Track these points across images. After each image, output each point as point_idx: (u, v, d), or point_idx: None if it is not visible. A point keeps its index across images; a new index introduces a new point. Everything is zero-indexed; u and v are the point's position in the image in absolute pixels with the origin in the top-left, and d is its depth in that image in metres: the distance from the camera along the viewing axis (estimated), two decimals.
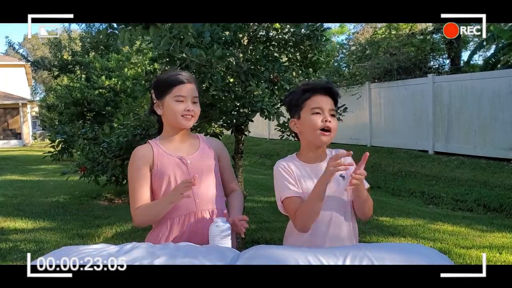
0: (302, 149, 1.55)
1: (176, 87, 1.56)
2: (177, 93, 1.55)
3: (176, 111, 1.55)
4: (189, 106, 1.56)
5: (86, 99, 10.04)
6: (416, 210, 5.28)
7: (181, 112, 1.55)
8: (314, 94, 1.46)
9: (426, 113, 8.71)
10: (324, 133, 1.44)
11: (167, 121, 1.61)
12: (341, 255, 1.17)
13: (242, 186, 3.41)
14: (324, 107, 1.45)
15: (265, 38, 3.28)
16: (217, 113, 3.02)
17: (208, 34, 2.53)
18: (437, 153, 8.46)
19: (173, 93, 1.56)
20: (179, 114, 1.55)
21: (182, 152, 1.60)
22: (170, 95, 1.56)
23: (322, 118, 1.44)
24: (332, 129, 1.45)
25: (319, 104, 1.45)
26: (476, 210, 5.45)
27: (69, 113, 10.30)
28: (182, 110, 1.55)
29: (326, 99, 1.47)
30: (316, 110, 1.45)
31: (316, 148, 1.51)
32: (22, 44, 31.76)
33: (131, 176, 1.57)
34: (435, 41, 11.61)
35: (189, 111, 1.56)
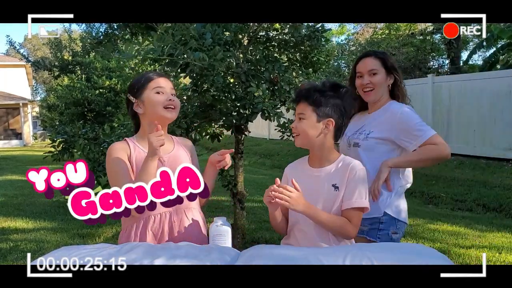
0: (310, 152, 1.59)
1: (153, 81, 1.56)
2: (155, 85, 1.55)
3: (158, 102, 1.53)
4: (170, 97, 1.55)
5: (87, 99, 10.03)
6: (415, 210, 5.27)
7: (163, 103, 1.54)
8: (297, 103, 1.53)
9: (426, 113, 8.70)
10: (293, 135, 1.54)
11: (148, 117, 1.56)
12: (341, 255, 1.17)
13: (242, 186, 3.42)
14: (296, 114, 1.53)
15: (265, 38, 3.28)
16: (217, 114, 3.02)
17: (210, 36, 2.53)
18: None
19: (151, 86, 1.55)
20: (161, 105, 1.54)
21: None
22: (148, 89, 1.55)
23: (293, 124, 1.53)
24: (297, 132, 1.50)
25: (300, 111, 1.51)
26: (476, 210, 5.45)
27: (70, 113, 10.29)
28: (164, 100, 1.54)
29: (297, 106, 1.52)
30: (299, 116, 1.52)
31: (311, 151, 1.54)
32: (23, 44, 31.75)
33: (113, 170, 1.53)
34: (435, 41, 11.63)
35: (171, 101, 1.55)
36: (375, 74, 1.85)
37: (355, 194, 1.44)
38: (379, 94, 1.88)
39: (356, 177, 1.46)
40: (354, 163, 1.48)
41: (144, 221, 1.55)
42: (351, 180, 1.45)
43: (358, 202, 1.44)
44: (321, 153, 1.50)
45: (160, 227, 1.54)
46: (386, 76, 1.87)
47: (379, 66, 1.86)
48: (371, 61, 1.87)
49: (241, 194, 3.39)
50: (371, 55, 1.90)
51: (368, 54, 1.92)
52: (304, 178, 1.49)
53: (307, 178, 1.50)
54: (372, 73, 1.85)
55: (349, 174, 1.45)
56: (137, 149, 1.57)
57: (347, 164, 1.48)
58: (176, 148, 1.64)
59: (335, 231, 1.45)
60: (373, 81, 1.85)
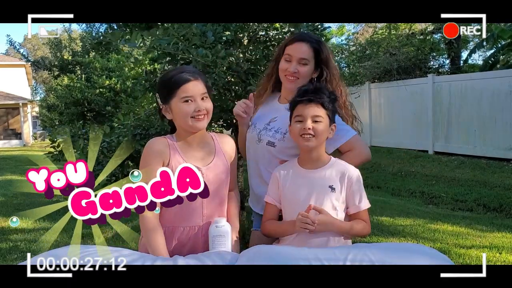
0: (300, 153, 1.60)
1: (181, 88, 1.44)
2: (183, 94, 1.44)
3: (186, 113, 1.44)
4: (199, 106, 1.44)
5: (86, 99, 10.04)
6: (416, 210, 5.27)
7: (191, 113, 1.44)
8: (297, 105, 1.52)
9: (426, 113, 8.70)
10: (305, 136, 1.49)
11: (179, 125, 1.50)
12: (341, 255, 1.17)
13: (242, 186, 3.41)
14: (306, 114, 1.49)
15: (265, 38, 3.28)
16: (217, 112, 3.02)
17: (211, 34, 2.53)
18: (437, 153, 8.46)
19: (179, 94, 1.44)
20: (189, 116, 1.44)
21: (198, 160, 1.50)
22: (176, 97, 1.45)
23: (301, 125, 1.50)
24: (314, 133, 1.48)
25: (300, 112, 1.50)
26: (476, 210, 5.44)
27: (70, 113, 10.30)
28: (191, 111, 1.44)
29: (308, 106, 1.50)
30: (298, 118, 1.51)
31: (305, 153, 1.55)
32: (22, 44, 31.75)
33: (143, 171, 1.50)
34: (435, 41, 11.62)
35: (200, 111, 1.44)
36: (305, 64, 1.68)
37: (359, 197, 1.52)
38: (300, 85, 1.70)
39: (357, 182, 1.53)
40: (350, 168, 1.54)
41: (171, 230, 1.49)
42: (352, 185, 1.52)
43: (364, 204, 1.53)
44: (318, 155, 1.54)
45: (186, 240, 1.49)
46: (314, 69, 1.71)
47: (311, 57, 1.68)
48: (306, 48, 1.68)
49: (241, 194, 3.39)
50: (307, 41, 1.69)
51: (304, 39, 1.70)
52: (297, 179, 1.53)
53: (301, 179, 1.53)
54: (303, 62, 1.68)
55: (348, 180, 1.51)
56: (177, 155, 1.48)
57: (342, 169, 1.53)
58: (217, 156, 1.55)
59: (356, 234, 1.54)
60: (301, 70, 1.68)
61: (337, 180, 1.51)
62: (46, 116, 15.60)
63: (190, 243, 1.50)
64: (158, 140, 1.51)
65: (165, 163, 1.46)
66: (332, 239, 1.48)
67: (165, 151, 1.47)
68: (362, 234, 1.54)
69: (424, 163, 8.05)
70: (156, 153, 1.46)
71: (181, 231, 1.49)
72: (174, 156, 1.47)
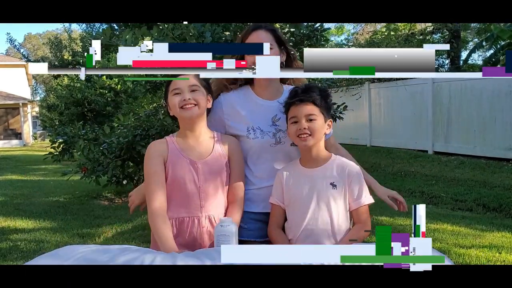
0: (300, 153, 1.61)
1: (171, 83, 1.57)
2: (172, 88, 1.56)
3: (174, 104, 1.55)
4: (185, 96, 1.53)
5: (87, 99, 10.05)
6: None
7: (178, 104, 1.54)
8: (290, 107, 1.54)
9: (426, 113, 8.71)
10: (301, 136, 1.50)
11: (176, 117, 1.61)
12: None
13: None
14: (299, 115, 1.50)
15: None
16: None
17: (209, 34, 2.54)
18: (437, 153, 8.46)
19: (170, 89, 1.57)
20: (177, 107, 1.54)
21: (195, 154, 1.57)
22: (170, 92, 1.57)
23: (297, 126, 1.51)
24: (310, 132, 1.49)
25: (294, 114, 1.52)
26: (476, 210, 5.45)
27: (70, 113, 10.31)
28: (178, 101, 1.54)
29: (300, 107, 1.51)
30: (293, 119, 1.53)
31: (304, 152, 1.56)
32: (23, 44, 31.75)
33: (146, 173, 1.56)
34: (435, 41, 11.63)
35: (185, 101, 1.53)
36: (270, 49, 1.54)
37: (361, 193, 1.53)
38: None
39: (357, 177, 1.54)
40: (350, 164, 1.56)
41: (179, 221, 1.54)
42: (353, 181, 1.53)
43: (364, 199, 1.54)
44: (317, 153, 1.55)
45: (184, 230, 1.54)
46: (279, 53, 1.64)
47: (273, 41, 1.63)
48: (264, 34, 1.63)
49: None
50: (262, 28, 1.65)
51: (259, 27, 1.65)
52: (299, 178, 1.55)
53: (303, 178, 1.55)
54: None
55: (349, 176, 1.53)
56: (174, 150, 1.57)
57: (343, 165, 1.55)
58: (215, 152, 1.60)
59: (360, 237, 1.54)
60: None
61: (338, 177, 1.52)
62: (46, 116, 15.62)
63: (192, 237, 1.54)
64: (157, 141, 1.63)
65: (165, 159, 1.55)
66: None
67: (164, 148, 1.57)
68: (363, 235, 1.54)
69: (424, 163, 8.05)
70: (156, 152, 1.56)
71: (181, 221, 1.54)
72: (172, 150, 1.57)
